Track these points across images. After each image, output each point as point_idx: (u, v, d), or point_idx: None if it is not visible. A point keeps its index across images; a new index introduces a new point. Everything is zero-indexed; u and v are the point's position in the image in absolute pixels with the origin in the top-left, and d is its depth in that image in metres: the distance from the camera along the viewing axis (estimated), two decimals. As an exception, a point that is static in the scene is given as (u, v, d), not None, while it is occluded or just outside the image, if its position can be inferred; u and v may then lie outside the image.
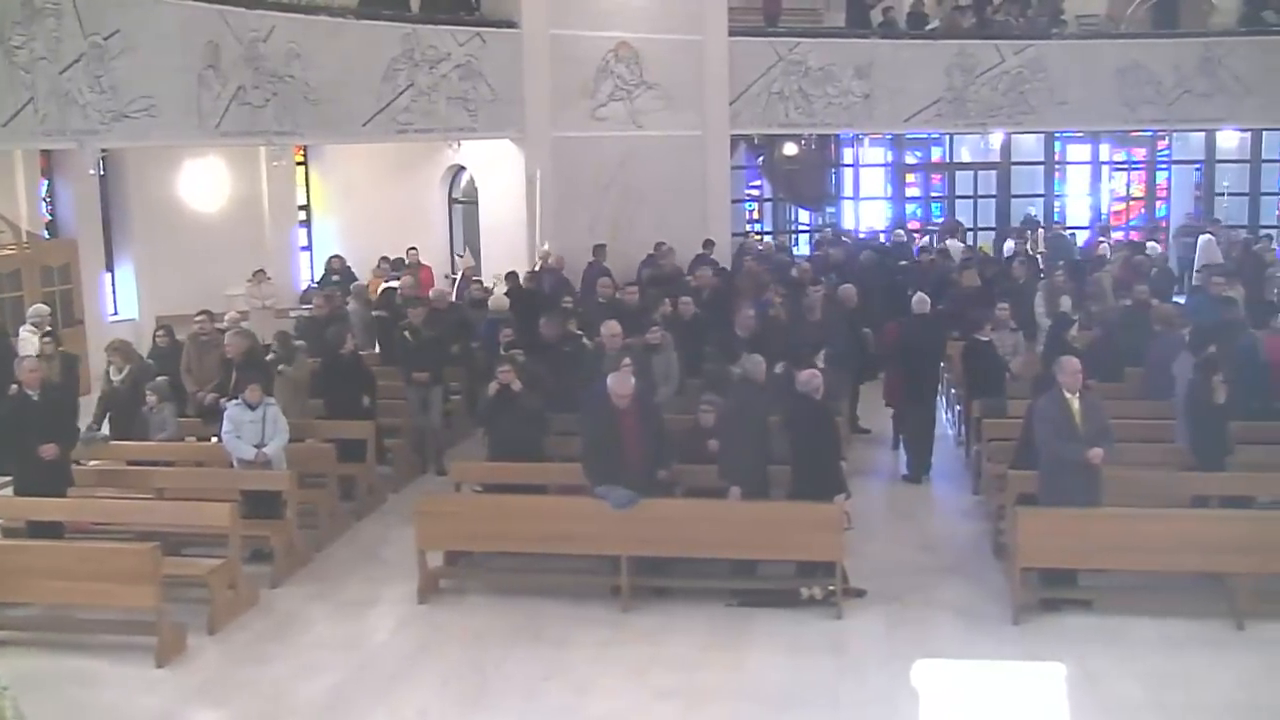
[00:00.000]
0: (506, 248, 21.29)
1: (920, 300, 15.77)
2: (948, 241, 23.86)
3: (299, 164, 23.68)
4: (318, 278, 22.43)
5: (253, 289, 20.36)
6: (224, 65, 16.47)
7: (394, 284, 19.28)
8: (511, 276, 19.01)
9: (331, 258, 21.63)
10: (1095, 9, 26.41)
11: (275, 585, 11.83)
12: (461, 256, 20.83)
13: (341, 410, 14.47)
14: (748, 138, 25.34)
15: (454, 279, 21.17)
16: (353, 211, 24.00)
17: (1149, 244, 24.07)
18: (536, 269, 20.07)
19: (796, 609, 10.97)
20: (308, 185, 24.30)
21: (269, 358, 14.43)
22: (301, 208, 24.08)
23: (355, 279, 20.31)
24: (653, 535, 11.09)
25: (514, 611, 11.15)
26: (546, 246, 20.75)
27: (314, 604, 11.55)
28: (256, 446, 12.36)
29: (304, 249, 24.19)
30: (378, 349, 17.52)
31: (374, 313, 18.18)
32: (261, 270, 20.60)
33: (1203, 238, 23.89)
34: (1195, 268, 22.64)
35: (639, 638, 10.60)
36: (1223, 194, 27.32)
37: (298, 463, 12.95)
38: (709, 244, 21.55)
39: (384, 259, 21.28)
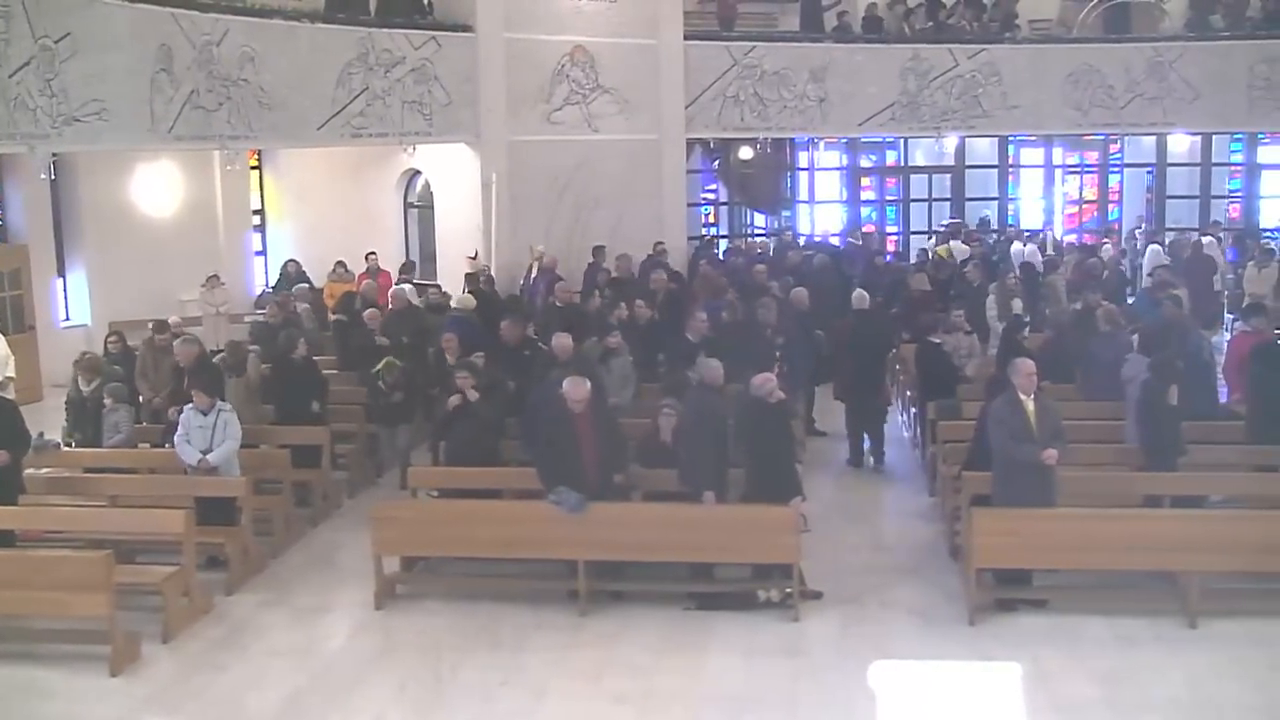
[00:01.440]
0: (462, 252, 21.25)
1: (859, 296, 16.40)
2: (951, 243, 24.02)
3: (253, 168, 23.55)
4: (272, 283, 22.32)
5: (206, 294, 20.23)
6: (177, 69, 16.33)
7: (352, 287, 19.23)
8: (471, 279, 18.96)
9: (287, 262, 21.54)
10: (1048, 14, 26.62)
11: (230, 592, 11.76)
12: (473, 258, 20.72)
13: (293, 415, 14.40)
14: (703, 141, 25.38)
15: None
16: (307, 216, 23.90)
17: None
18: (531, 271, 20.05)
19: (753, 612, 11.00)
20: (262, 190, 24.18)
21: (219, 363, 14.35)
22: (255, 212, 23.96)
23: (309, 284, 20.21)
24: (609, 539, 11.10)
25: (471, 616, 11.13)
26: (541, 248, 20.69)
27: (269, 611, 11.48)
28: (204, 452, 12.28)
29: (258, 254, 24.07)
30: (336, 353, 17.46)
31: (332, 317, 18.09)
32: (215, 275, 20.48)
33: (1151, 246, 24.16)
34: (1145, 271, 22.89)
35: (596, 642, 10.60)
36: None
37: (252, 469, 12.88)
38: (659, 248, 21.66)
39: (339, 263, 21.20)
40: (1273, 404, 12.00)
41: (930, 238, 26.30)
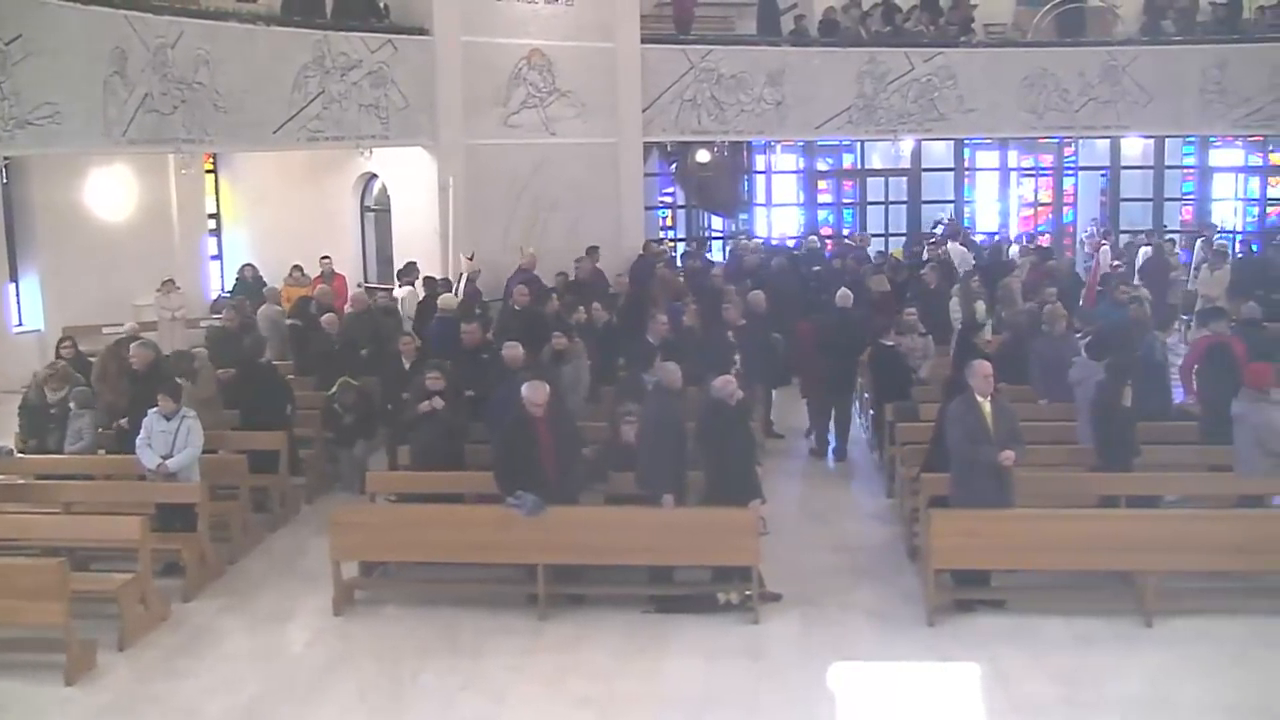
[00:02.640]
0: (419, 255, 21.15)
1: (844, 295, 16.59)
2: (948, 244, 24.15)
3: (208, 172, 23.42)
4: (228, 287, 22.18)
5: (162, 299, 20.05)
6: (131, 72, 16.23)
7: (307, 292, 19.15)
8: (429, 283, 18.90)
9: (243, 267, 21.40)
10: (1003, 18, 26.84)
11: (187, 599, 11.67)
12: (469, 259, 20.66)
13: (259, 420, 14.32)
14: (661, 145, 25.40)
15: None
16: (263, 220, 23.77)
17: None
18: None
19: (713, 614, 11.01)
20: (217, 193, 24.03)
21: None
22: (211, 216, 23.81)
23: (271, 286, 20.11)
24: (569, 543, 11.09)
25: (430, 622, 11.10)
26: (532, 249, 20.76)
27: (227, 617, 11.41)
28: (164, 457, 12.19)
29: (214, 258, 23.93)
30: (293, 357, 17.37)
31: (288, 321, 18.02)
32: (170, 280, 20.30)
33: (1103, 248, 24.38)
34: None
35: (556, 646, 10.59)
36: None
37: (209, 474, 12.78)
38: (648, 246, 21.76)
39: (296, 268, 21.09)
40: (1226, 405, 12.10)
41: (929, 238, 26.43)
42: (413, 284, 19.79)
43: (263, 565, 12.78)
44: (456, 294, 19.06)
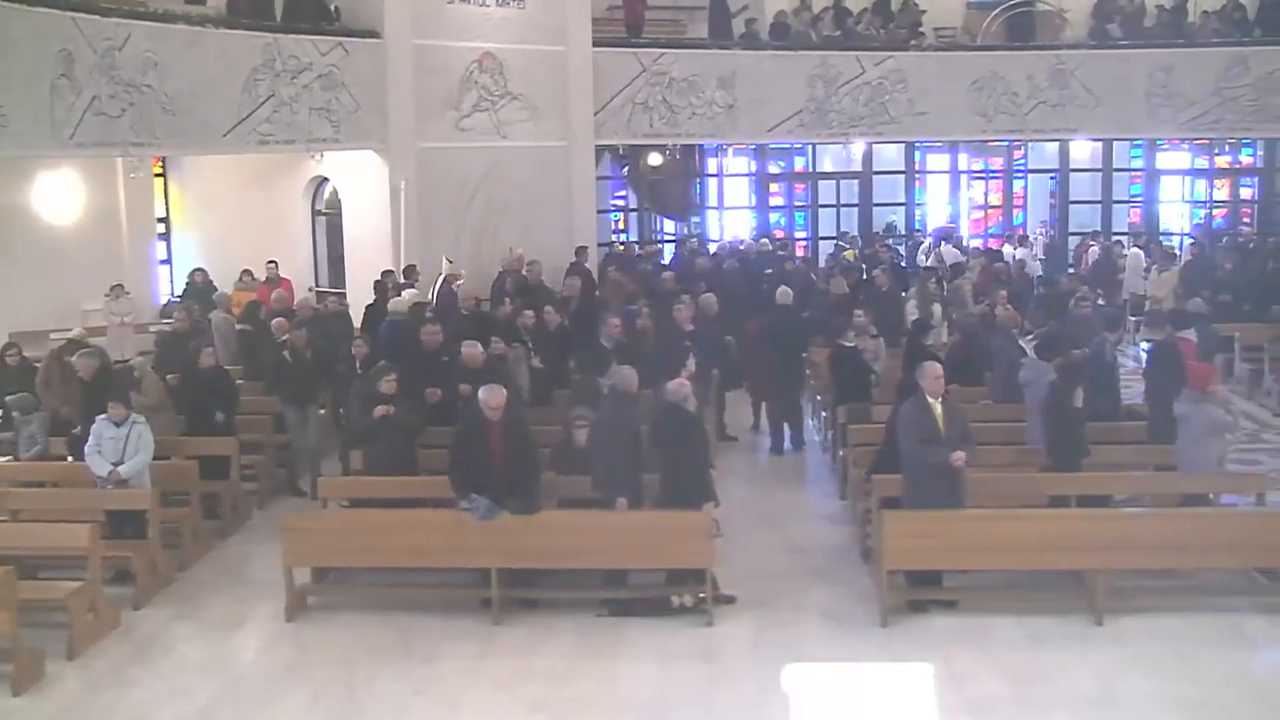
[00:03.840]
0: (371, 259, 21.07)
1: (783, 293, 16.94)
2: (942, 246, 24.30)
3: (157, 175, 23.20)
4: (178, 292, 22.00)
5: (111, 304, 19.87)
6: (78, 74, 16.07)
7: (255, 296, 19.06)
8: (381, 286, 18.81)
9: (193, 271, 21.23)
10: (953, 22, 27.04)
11: (138, 607, 11.58)
12: (451, 262, 20.61)
13: (202, 425, 14.23)
14: (612, 148, 25.42)
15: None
16: (214, 224, 23.57)
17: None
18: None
19: (667, 617, 11.02)
20: (166, 197, 23.82)
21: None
22: (160, 220, 23.60)
23: (216, 293, 19.97)
24: (522, 547, 11.08)
25: (384, 627, 11.06)
26: (521, 250, 20.74)
27: (178, 625, 11.33)
28: (114, 464, 12.09)
29: (163, 262, 23.71)
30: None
31: (238, 326, 17.90)
32: (120, 285, 20.11)
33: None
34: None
35: (510, 650, 10.58)
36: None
37: (160, 481, 12.69)
38: (582, 251, 21.75)
39: (246, 272, 20.95)
40: (1172, 405, 12.23)
41: (926, 239, 26.68)
42: (414, 285, 19.77)
43: (214, 572, 12.70)
44: (430, 297, 19.04)
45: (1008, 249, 25.16)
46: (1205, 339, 15.23)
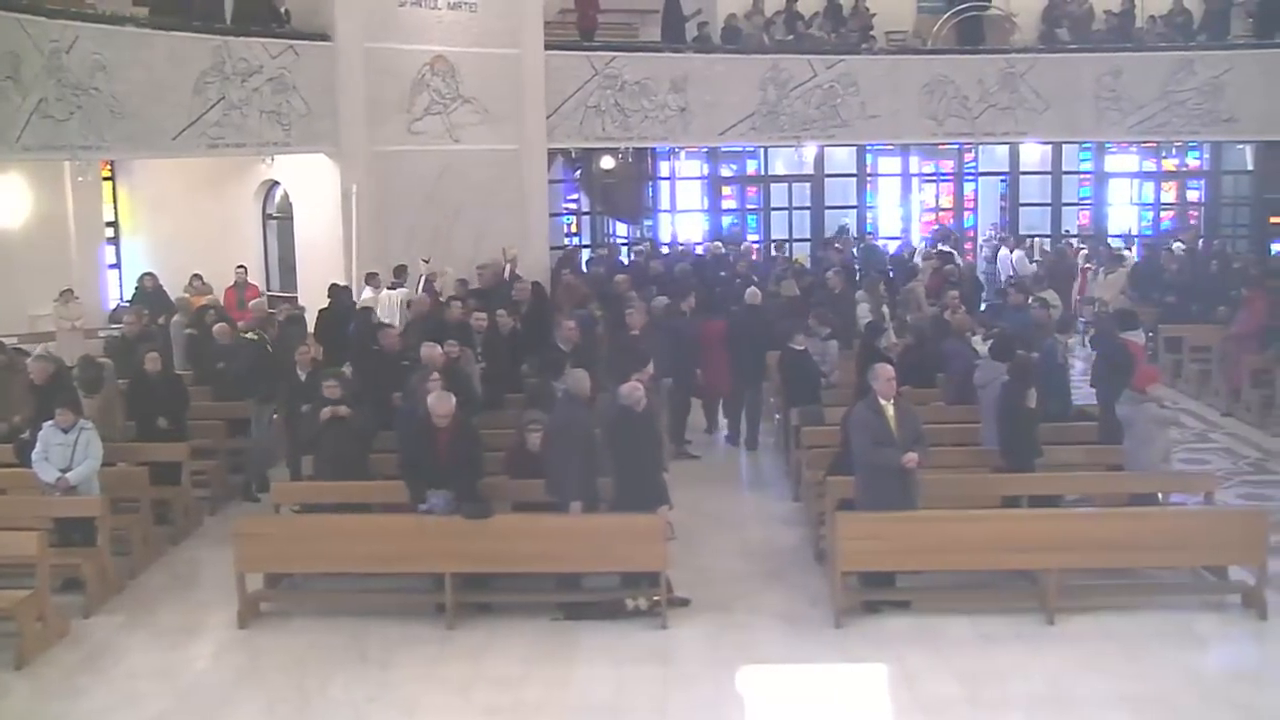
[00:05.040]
0: (322, 263, 20.99)
1: (752, 293, 17.31)
2: (938, 248, 24.40)
3: (106, 179, 22.98)
4: (128, 296, 21.81)
5: (60, 309, 19.67)
6: (24, 77, 15.91)
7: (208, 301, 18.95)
8: (334, 290, 18.74)
9: (143, 276, 21.04)
10: (904, 25, 27.20)
11: (88, 615, 11.48)
12: (427, 262, 20.56)
13: (153, 431, 14.12)
14: (565, 151, 25.40)
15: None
16: (163, 228, 23.36)
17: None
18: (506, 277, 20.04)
19: (622, 620, 11.04)
20: (115, 201, 23.60)
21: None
22: (109, 224, 23.38)
23: (166, 297, 19.83)
24: (476, 551, 11.07)
25: (337, 633, 11.01)
26: (515, 249, 20.67)
27: (129, 633, 11.23)
28: (62, 471, 11.97)
29: (112, 267, 23.49)
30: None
31: (186, 331, 17.78)
32: (69, 290, 19.90)
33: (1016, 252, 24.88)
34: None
35: (464, 655, 10.56)
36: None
37: (110, 487, 12.57)
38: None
39: (196, 276, 20.80)
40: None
41: (922, 242, 26.78)
42: (403, 285, 19.75)
43: (165, 579, 12.60)
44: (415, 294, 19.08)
45: (1004, 252, 25.23)
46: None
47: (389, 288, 19.77)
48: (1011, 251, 25.22)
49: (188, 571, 12.80)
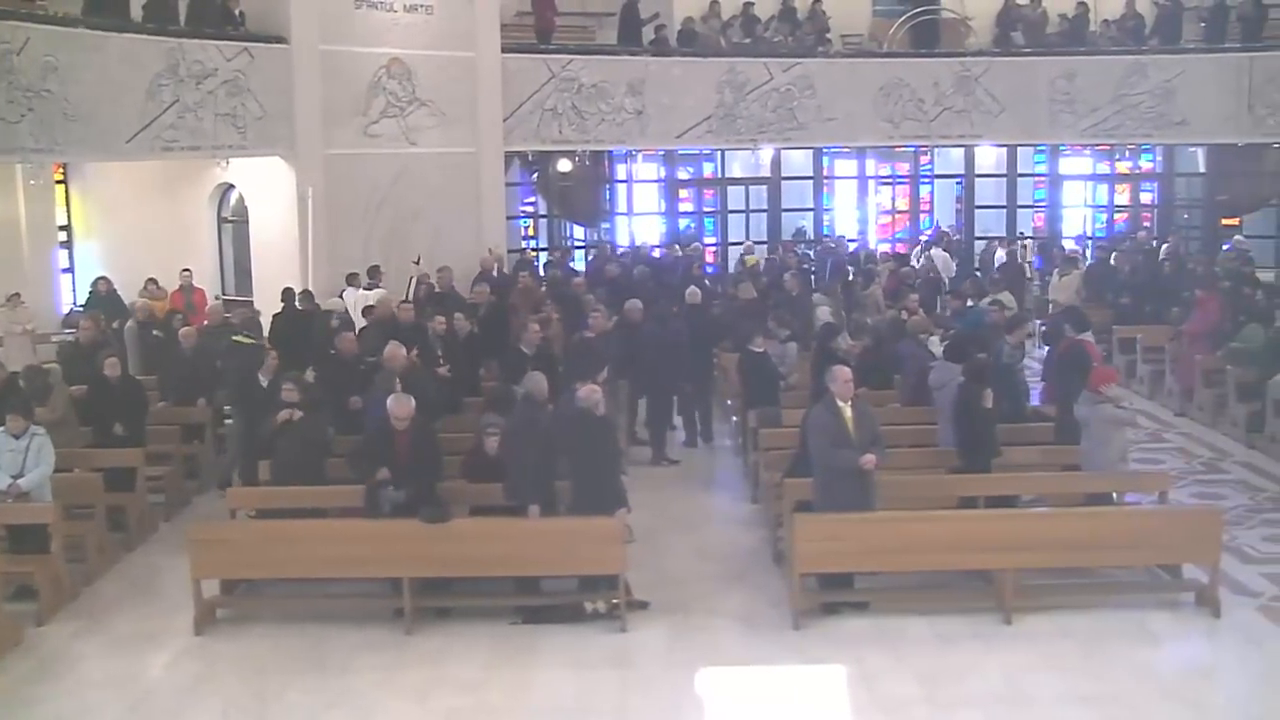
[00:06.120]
0: (278, 267, 20.86)
1: (692, 293, 17.66)
2: (933, 251, 24.46)
3: (58, 182, 22.77)
4: (82, 301, 21.61)
5: (8, 314, 19.41)
6: (-26, 79, 15.77)
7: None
8: (287, 294, 18.64)
9: (97, 280, 20.86)
10: (859, 29, 27.33)
11: (41, 623, 11.36)
12: (417, 264, 20.47)
13: (108, 436, 14.00)
14: (522, 154, 25.36)
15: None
16: (117, 232, 23.16)
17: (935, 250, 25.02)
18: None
19: (581, 624, 11.05)
20: (68, 205, 23.39)
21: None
22: (62, 228, 23.17)
23: (121, 302, 19.67)
24: (434, 555, 11.04)
25: (295, 639, 10.95)
26: (501, 250, 20.51)
27: (83, 641, 11.13)
28: (14, 477, 11.84)
29: (65, 271, 23.28)
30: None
31: (155, 333, 17.63)
32: (16, 294, 19.67)
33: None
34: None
35: (423, 660, 10.53)
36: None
37: (63, 494, 12.44)
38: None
39: (151, 280, 20.64)
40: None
41: (919, 244, 26.86)
42: (379, 285, 19.73)
43: (120, 586, 12.49)
44: (407, 298, 18.97)
45: (1000, 253, 25.29)
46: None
47: (364, 288, 19.68)
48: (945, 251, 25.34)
49: (143, 578, 12.68)
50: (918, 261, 25.11)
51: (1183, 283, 21.28)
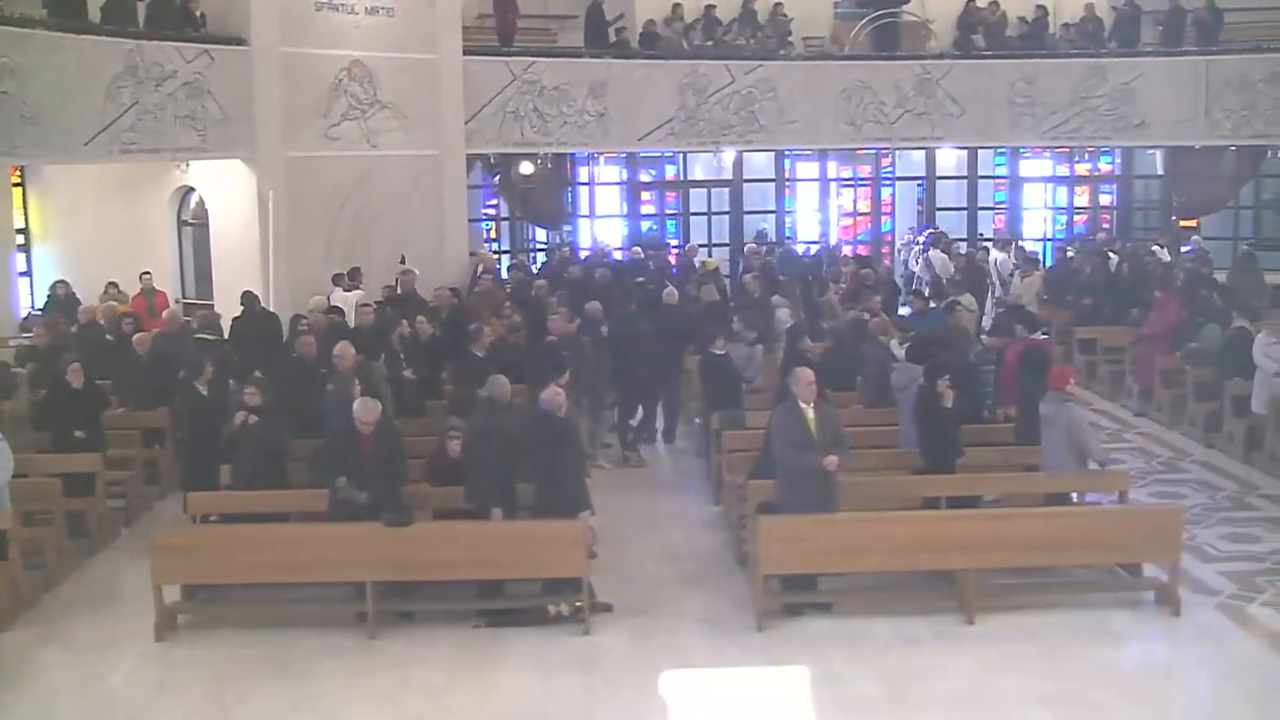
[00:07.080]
0: (239, 270, 20.73)
1: (669, 293, 17.78)
2: (931, 252, 24.46)
3: (16, 185, 22.58)
4: (40, 305, 21.44)
5: (-36, 318, 19.33)
6: (-70, 81, 15.63)
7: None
8: (247, 297, 18.54)
9: (55, 284, 20.71)
10: (821, 31, 27.39)
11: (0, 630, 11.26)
12: (402, 264, 20.41)
13: (68, 441, 13.87)
14: (484, 157, 25.28)
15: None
16: (76, 235, 22.95)
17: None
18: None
19: (544, 627, 11.03)
20: (26, 208, 23.19)
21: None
22: (19, 231, 22.97)
23: (79, 306, 19.51)
24: (397, 559, 11.00)
25: (257, 644, 10.89)
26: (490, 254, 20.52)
27: (43, 648, 11.03)
28: (-30, 483, 11.75)
29: (23, 275, 23.08)
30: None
31: (107, 337, 17.51)
32: (-28, 299, 19.56)
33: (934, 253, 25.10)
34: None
35: (387, 664, 10.49)
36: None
37: (21, 499, 12.33)
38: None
39: (111, 284, 20.50)
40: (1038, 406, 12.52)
41: (916, 244, 26.86)
42: (358, 287, 19.66)
43: (80, 592, 12.38)
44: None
45: (996, 254, 25.29)
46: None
47: (344, 289, 19.62)
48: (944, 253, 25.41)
49: (104, 584, 12.58)
50: (916, 264, 25.25)
51: (1142, 284, 21.41)
